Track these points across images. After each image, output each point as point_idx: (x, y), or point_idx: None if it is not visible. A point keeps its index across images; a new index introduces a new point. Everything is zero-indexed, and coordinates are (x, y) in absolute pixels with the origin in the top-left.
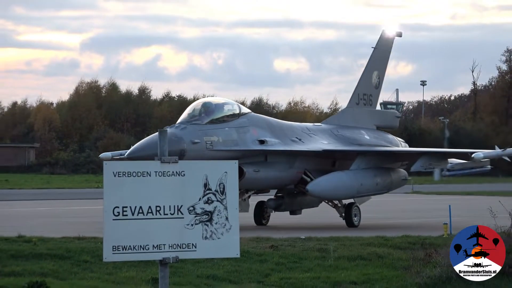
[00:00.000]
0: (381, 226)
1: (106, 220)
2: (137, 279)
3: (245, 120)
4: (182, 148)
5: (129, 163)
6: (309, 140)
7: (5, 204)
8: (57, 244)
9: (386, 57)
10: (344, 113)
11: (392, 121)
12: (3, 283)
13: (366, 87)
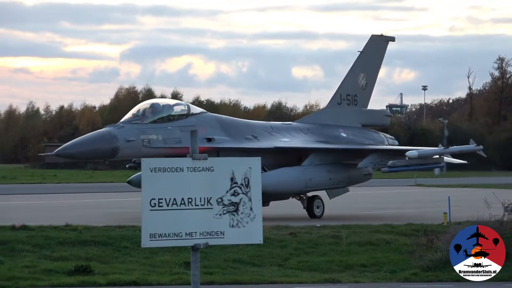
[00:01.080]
0: (388, 216)
1: (144, 210)
2: (171, 263)
3: (193, 120)
4: (114, 146)
5: (163, 160)
6: (267, 138)
7: (54, 197)
8: (100, 232)
9: (376, 60)
10: (322, 112)
11: (381, 120)
12: (53, 266)
13: (351, 88)
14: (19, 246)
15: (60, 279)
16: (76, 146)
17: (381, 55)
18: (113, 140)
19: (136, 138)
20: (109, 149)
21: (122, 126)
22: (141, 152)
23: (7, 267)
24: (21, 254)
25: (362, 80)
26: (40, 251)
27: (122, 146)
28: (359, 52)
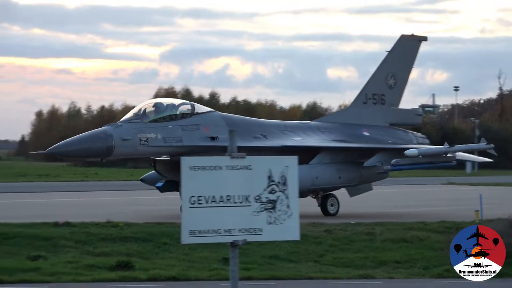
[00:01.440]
0: (420, 213)
1: (184, 207)
2: (209, 259)
3: (197, 119)
4: (109, 144)
5: (202, 159)
6: (278, 137)
7: (95, 194)
8: (140, 228)
9: (406, 60)
10: (345, 111)
11: (412, 119)
12: (94, 262)
13: (377, 87)
14: (62, 242)
15: (102, 274)
16: (68, 144)
17: (413, 55)
18: (108, 139)
19: (133, 137)
20: (103, 147)
21: (120, 125)
22: (138, 150)
23: (51, 262)
24: (64, 250)
25: (390, 79)
26: (82, 247)
27: (117, 145)
28: (387, 51)
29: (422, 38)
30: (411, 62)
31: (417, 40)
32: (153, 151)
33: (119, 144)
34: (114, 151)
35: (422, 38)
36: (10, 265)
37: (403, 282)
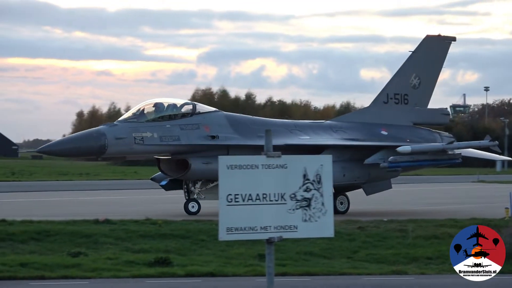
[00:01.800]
0: (451, 210)
1: (221, 205)
2: (245, 255)
3: (198, 118)
4: (101, 143)
5: (239, 158)
6: (283, 135)
7: (135, 192)
8: (178, 225)
9: (433, 60)
10: (363, 111)
11: (438, 118)
12: (134, 258)
13: (400, 87)
14: (102, 239)
15: (140, 270)
16: (61, 143)
17: (440, 55)
18: (100, 138)
19: (127, 135)
20: (95, 146)
21: (115, 124)
22: (133, 149)
23: (91, 258)
24: (104, 246)
25: (414, 79)
26: (122, 243)
27: (110, 144)
28: (411, 52)
29: (450, 38)
30: (439, 62)
31: (445, 41)
32: (149, 149)
33: (113, 143)
34: (108, 150)
35: (450, 39)
36: (52, 261)
37: (434, 278)
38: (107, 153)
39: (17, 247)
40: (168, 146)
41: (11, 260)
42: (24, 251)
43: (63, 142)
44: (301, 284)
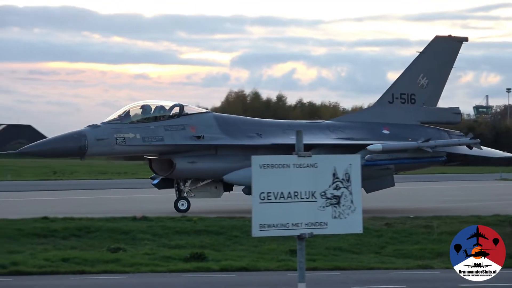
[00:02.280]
0: (475, 207)
1: (254, 203)
2: (277, 250)
3: (185, 119)
4: (81, 144)
5: (271, 157)
6: (273, 135)
7: (171, 190)
8: (212, 222)
9: (442, 60)
10: (366, 111)
11: (448, 117)
12: (170, 253)
13: (406, 87)
14: (140, 235)
15: (177, 265)
16: (40, 145)
17: (450, 55)
18: (81, 139)
19: (109, 136)
20: (75, 147)
21: (98, 126)
22: (115, 149)
23: (130, 254)
24: (142, 242)
25: (422, 79)
26: (159, 239)
27: (91, 144)
28: (418, 52)
29: (461, 38)
30: (449, 62)
31: (456, 41)
32: (131, 150)
33: (93, 144)
34: (88, 150)
35: (461, 39)
36: (92, 257)
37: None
38: (88, 154)
39: (59, 243)
40: (151, 146)
41: (53, 256)
42: (66, 247)
43: (43, 143)
44: (331, 279)
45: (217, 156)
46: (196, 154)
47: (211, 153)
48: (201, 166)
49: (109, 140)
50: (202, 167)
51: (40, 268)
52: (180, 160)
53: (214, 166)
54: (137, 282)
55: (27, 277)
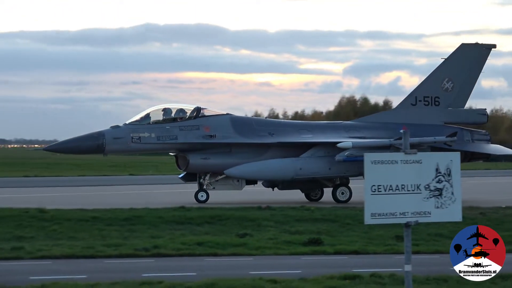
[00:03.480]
0: None
1: (366, 194)
2: (385, 236)
3: (200, 120)
4: (99, 143)
5: (382, 155)
6: (286, 135)
7: None
8: (328, 211)
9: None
10: (388, 112)
11: (474, 118)
12: (291, 238)
13: (430, 91)
14: (264, 223)
15: (296, 249)
16: (64, 143)
17: (477, 61)
18: (99, 138)
19: (125, 136)
20: (94, 145)
21: (118, 126)
22: (130, 147)
23: (256, 239)
24: (266, 229)
25: (446, 83)
26: (281, 226)
27: (108, 143)
28: (443, 59)
29: (489, 46)
30: (476, 68)
31: (484, 48)
32: (146, 147)
33: (110, 142)
34: (106, 148)
35: (489, 46)
36: (223, 241)
37: None
38: (107, 151)
39: (195, 229)
40: (165, 144)
41: (190, 240)
42: (201, 232)
43: (68, 141)
44: (433, 261)
45: (230, 152)
46: (209, 151)
47: (225, 150)
48: (214, 162)
49: (125, 139)
50: (214, 163)
51: (178, 251)
52: (194, 156)
53: (226, 162)
54: (262, 264)
55: (167, 259)
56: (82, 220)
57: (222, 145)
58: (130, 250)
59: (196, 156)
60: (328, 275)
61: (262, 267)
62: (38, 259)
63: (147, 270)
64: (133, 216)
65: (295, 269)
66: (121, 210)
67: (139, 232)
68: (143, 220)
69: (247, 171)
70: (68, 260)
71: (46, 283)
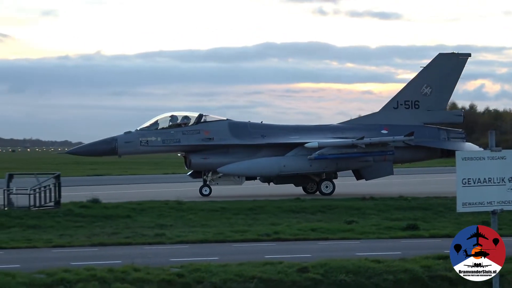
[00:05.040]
0: None
1: (458, 186)
2: (472, 222)
3: (202, 125)
4: (112, 146)
5: (471, 152)
6: (276, 136)
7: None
8: (422, 201)
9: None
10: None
11: (451, 118)
12: (391, 224)
13: (410, 96)
14: (368, 211)
15: (396, 233)
16: (82, 147)
17: (454, 69)
18: (112, 142)
19: (135, 140)
20: (108, 148)
21: (130, 132)
22: (139, 149)
23: (361, 225)
24: (370, 216)
25: (425, 89)
26: (382, 214)
27: (120, 146)
28: (422, 67)
29: (465, 54)
30: (454, 75)
31: (460, 57)
32: (152, 150)
33: (122, 146)
34: (118, 151)
35: (465, 55)
36: (333, 227)
37: None
38: (119, 153)
39: (308, 217)
40: (169, 146)
41: (304, 226)
42: (313, 220)
43: (86, 145)
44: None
45: (227, 153)
46: (209, 152)
47: (222, 151)
48: (213, 161)
49: (135, 143)
50: (213, 162)
51: (295, 236)
52: (195, 156)
53: (223, 161)
54: (367, 246)
55: (285, 243)
56: (213, 210)
57: (220, 147)
58: (254, 235)
59: (196, 156)
60: (424, 256)
61: (367, 249)
62: (177, 243)
63: (269, 252)
64: (256, 206)
65: (395, 251)
66: (246, 202)
67: (261, 220)
68: (264, 209)
69: (237, 169)
70: (202, 245)
71: (184, 264)
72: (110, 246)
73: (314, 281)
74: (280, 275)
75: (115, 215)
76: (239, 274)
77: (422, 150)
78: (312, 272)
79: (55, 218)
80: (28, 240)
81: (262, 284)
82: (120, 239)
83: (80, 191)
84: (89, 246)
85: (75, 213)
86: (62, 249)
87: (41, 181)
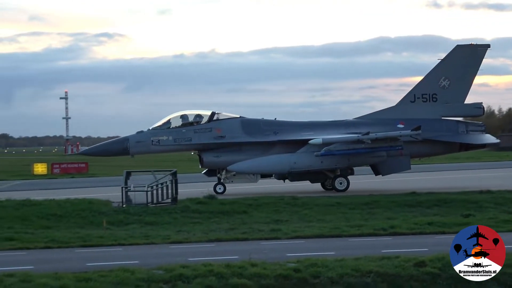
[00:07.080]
0: None
1: None
2: None
3: (214, 124)
4: (124, 146)
5: None
6: (288, 133)
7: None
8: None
9: (464, 65)
10: (388, 110)
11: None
12: (509, 218)
13: (428, 89)
14: (485, 204)
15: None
16: (95, 147)
17: (473, 60)
18: (124, 142)
19: (146, 139)
20: (120, 148)
21: (142, 131)
22: (151, 149)
23: (477, 218)
24: (487, 210)
25: (443, 81)
26: (500, 207)
27: (131, 146)
28: (439, 59)
29: (484, 46)
30: (473, 66)
31: (478, 48)
32: (164, 149)
33: (133, 145)
34: (130, 150)
35: (484, 46)
36: (449, 221)
37: None
38: (131, 153)
39: (424, 211)
40: (181, 145)
41: (420, 220)
42: (429, 214)
43: (99, 146)
44: None
45: (240, 150)
46: (221, 150)
47: (235, 149)
48: (225, 159)
49: (146, 142)
50: (226, 160)
51: (411, 230)
52: (207, 155)
53: (236, 159)
54: None
55: (401, 237)
56: (328, 205)
57: (232, 144)
58: (370, 230)
59: (209, 154)
60: None
61: None
62: (293, 238)
63: (385, 247)
64: (372, 201)
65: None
66: (361, 197)
67: (377, 215)
68: (380, 204)
69: (246, 167)
70: (318, 239)
71: (301, 259)
72: (227, 241)
73: (431, 275)
74: (397, 269)
75: (232, 211)
76: (356, 268)
77: (440, 144)
78: (429, 266)
79: (172, 215)
80: (146, 236)
81: (379, 278)
82: (237, 234)
83: (193, 188)
84: (206, 242)
85: (191, 209)
86: (180, 245)
87: (158, 178)
